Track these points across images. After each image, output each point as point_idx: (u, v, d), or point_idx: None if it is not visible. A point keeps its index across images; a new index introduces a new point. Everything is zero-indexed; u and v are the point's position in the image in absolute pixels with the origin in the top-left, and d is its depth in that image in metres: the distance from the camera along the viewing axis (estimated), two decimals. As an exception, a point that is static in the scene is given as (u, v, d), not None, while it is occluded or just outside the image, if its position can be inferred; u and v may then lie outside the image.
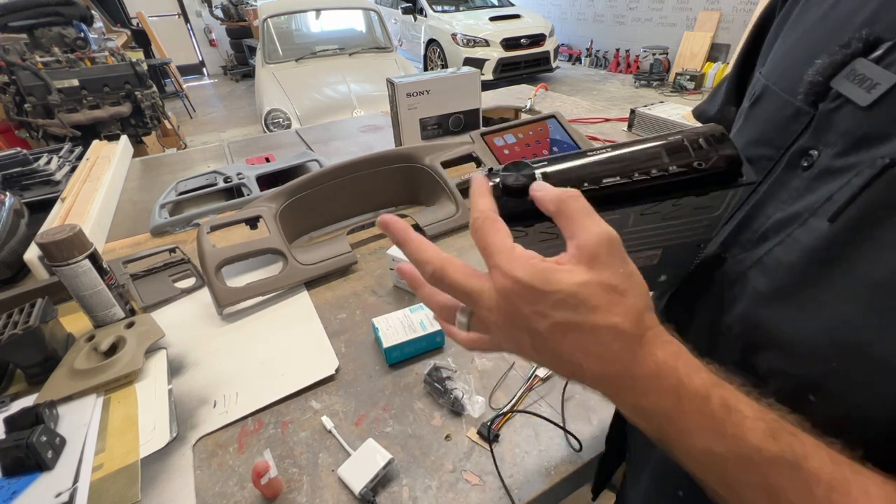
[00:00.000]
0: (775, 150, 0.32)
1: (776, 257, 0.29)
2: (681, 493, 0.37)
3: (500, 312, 0.25)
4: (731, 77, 0.46)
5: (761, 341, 0.29)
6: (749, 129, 0.36)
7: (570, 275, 0.23)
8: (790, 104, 0.31)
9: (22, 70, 2.27)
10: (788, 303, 0.27)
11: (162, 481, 0.51)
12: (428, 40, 6.01)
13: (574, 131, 1.17)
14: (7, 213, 0.92)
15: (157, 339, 0.67)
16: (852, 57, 0.26)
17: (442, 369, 0.61)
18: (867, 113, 0.25)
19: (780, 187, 0.31)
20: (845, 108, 0.26)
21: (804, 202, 0.28)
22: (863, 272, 0.23)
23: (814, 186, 0.28)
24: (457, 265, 0.27)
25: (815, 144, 0.28)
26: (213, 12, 6.88)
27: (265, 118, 2.97)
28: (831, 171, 0.27)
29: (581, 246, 0.24)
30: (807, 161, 0.29)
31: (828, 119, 0.28)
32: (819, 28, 0.32)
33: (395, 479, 0.50)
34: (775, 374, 0.28)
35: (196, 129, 4.96)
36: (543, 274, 0.24)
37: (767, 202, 0.31)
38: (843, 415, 0.24)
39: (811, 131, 0.29)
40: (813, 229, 0.26)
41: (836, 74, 0.27)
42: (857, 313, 0.23)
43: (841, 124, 0.27)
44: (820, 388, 0.25)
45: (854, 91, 0.26)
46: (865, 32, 0.26)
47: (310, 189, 0.92)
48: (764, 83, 0.35)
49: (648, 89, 5.33)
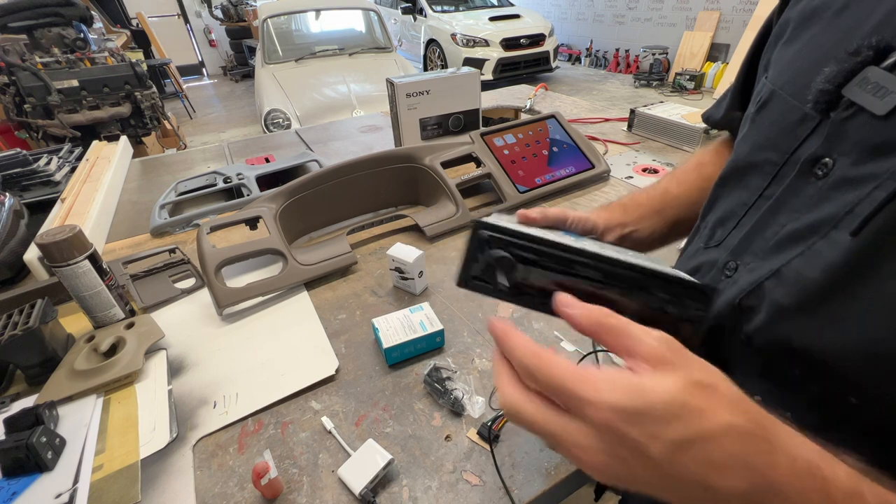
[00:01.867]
0: (780, 155, 0.32)
1: (796, 269, 0.28)
2: None
3: (604, 450, 0.21)
4: (736, 82, 0.46)
5: (789, 353, 0.28)
6: (755, 133, 0.36)
7: (658, 382, 0.21)
8: (797, 109, 0.31)
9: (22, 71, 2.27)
10: (814, 316, 0.27)
11: (162, 482, 0.51)
12: (428, 40, 6.01)
13: (574, 131, 1.17)
14: (7, 214, 0.92)
15: (157, 340, 0.67)
16: (863, 65, 0.26)
17: (442, 370, 0.61)
18: (883, 122, 0.25)
19: (793, 195, 0.30)
20: (860, 116, 0.26)
21: (821, 212, 0.28)
22: (889, 286, 0.23)
23: (831, 196, 0.27)
24: (534, 402, 0.24)
25: (828, 153, 0.28)
26: (213, 13, 6.88)
27: (265, 118, 2.97)
28: (849, 180, 0.26)
29: (647, 354, 0.22)
30: (821, 170, 0.28)
31: (841, 127, 0.27)
32: (826, 34, 0.31)
33: (395, 480, 0.50)
34: (811, 379, 0.28)
35: (196, 130, 4.96)
36: (635, 389, 0.21)
37: (780, 210, 0.31)
38: (886, 417, 0.24)
39: (824, 139, 0.29)
40: (835, 242, 0.26)
41: (846, 82, 0.27)
42: (887, 327, 0.23)
43: (855, 133, 0.26)
44: (859, 392, 0.25)
45: (868, 100, 0.25)
46: (875, 40, 0.25)
47: (310, 189, 0.92)
48: (771, 88, 0.35)
49: (648, 89, 5.32)
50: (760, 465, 0.20)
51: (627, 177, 1.15)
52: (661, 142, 1.35)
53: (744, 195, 0.35)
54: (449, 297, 0.77)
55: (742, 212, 0.35)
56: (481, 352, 0.66)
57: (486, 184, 1.07)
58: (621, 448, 0.21)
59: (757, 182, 0.34)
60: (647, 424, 0.20)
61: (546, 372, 0.23)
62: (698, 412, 0.20)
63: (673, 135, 1.32)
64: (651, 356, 0.22)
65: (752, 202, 0.34)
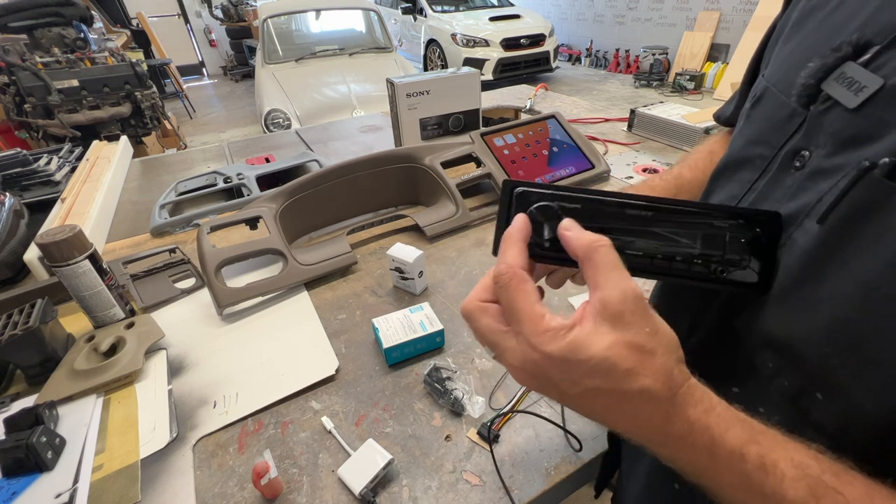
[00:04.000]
0: (770, 150, 0.32)
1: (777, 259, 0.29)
2: (676, 485, 0.37)
3: (527, 375, 0.26)
4: (744, 81, 0.47)
5: (764, 342, 0.29)
6: (749, 128, 0.36)
7: (598, 339, 0.24)
8: (786, 105, 0.31)
9: (22, 70, 2.27)
10: (788, 304, 0.28)
11: (162, 482, 0.51)
12: (428, 40, 6.01)
13: (574, 131, 1.17)
14: (7, 214, 0.92)
15: (157, 340, 0.67)
16: (843, 60, 0.27)
17: (442, 370, 0.61)
18: (854, 115, 0.26)
19: (776, 186, 0.31)
20: (834, 110, 0.27)
21: (797, 202, 0.28)
22: (852, 271, 0.24)
23: (806, 186, 0.28)
24: (490, 312, 0.28)
25: (806, 145, 0.29)
26: (213, 13, 6.88)
27: (265, 118, 2.97)
28: (821, 171, 0.27)
29: (605, 302, 0.24)
30: (799, 161, 0.29)
31: (818, 121, 0.28)
32: (818, 32, 0.32)
33: (395, 480, 0.50)
34: (781, 373, 0.28)
35: (196, 130, 4.96)
36: (572, 345, 0.24)
37: (762, 201, 0.32)
38: (847, 412, 0.25)
39: (803, 132, 0.29)
40: (806, 231, 0.27)
41: (826, 77, 0.28)
42: (851, 312, 0.24)
43: (829, 126, 0.27)
44: (825, 387, 0.26)
45: (842, 93, 0.26)
46: (856, 37, 0.26)
47: (310, 189, 0.92)
48: (765, 85, 0.35)
49: (648, 89, 5.32)
50: (657, 422, 0.24)
51: (627, 177, 1.15)
52: (661, 142, 1.35)
53: (735, 189, 0.36)
54: (449, 296, 0.77)
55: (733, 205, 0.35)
56: (481, 352, 0.66)
57: (486, 184, 1.07)
58: (544, 379, 0.25)
59: (748, 176, 0.35)
60: (572, 372, 0.24)
61: (512, 294, 0.26)
62: (623, 373, 0.23)
63: (673, 135, 1.32)
64: (609, 303, 0.24)
65: (741, 195, 0.34)
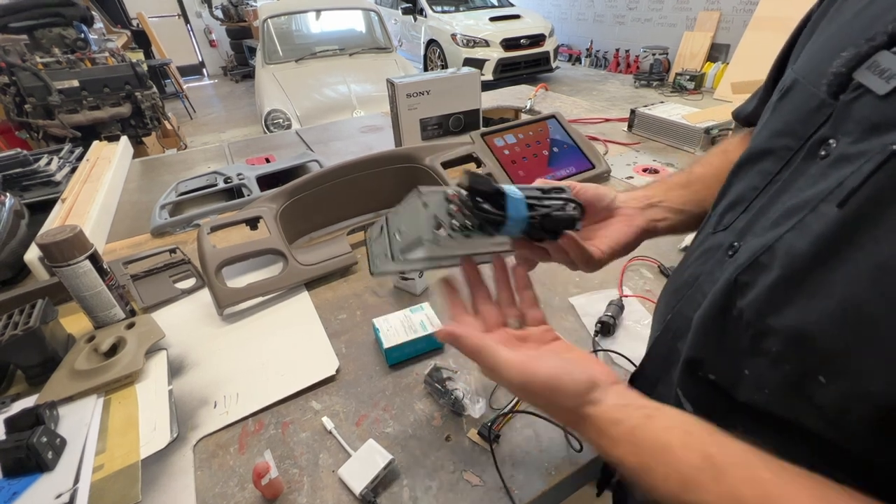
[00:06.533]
0: (797, 141, 0.32)
1: (788, 243, 0.29)
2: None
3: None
4: (769, 78, 0.46)
5: (771, 327, 0.29)
6: (774, 120, 0.36)
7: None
8: (815, 96, 0.31)
9: (22, 71, 2.27)
10: (799, 289, 0.27)
11: (162, 482, 0.51)
12: (428, 41, 6.01)
13: (574, 131, 1.17)
14: (7, 214, 0.92)
15: (157, 340, 0.67)
16: (876, 49, 0.26)
17: (442, 370, 0.61)
18: (883, 102, 0.25)
19: (799, 176, 0.31)
20: (864, 97, 0.27)
21: (816, 188, 0.28)
22: (868, 254, 0.24)
23: (828, 173, 0.28)
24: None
25: (833, 134, 0.29)
26: (213, 13, 6.88)
27: (265, 119, 2.97)
28: (846, 157, 0.27)
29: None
30: (825, 150, 0.29)
31: (847, 109, 0.28)
32: (852, 24, 0.32)
33: (395, 480, 0.50)
34: (785, 358, 0.28)
35: (196, 130, 4.96)
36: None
37: (785, 191, 0.32)
38: (849, 394, 0.25)
39: (831, 121, 0.29)
40: (823, 214, 0.27)
41: (858, 66, 0.27)
42: (864, 293, 0.24)
43: (858, 113, 0.27)
44: (829, 370, 0.26)
45: (873, 81, 0.26)
46: (892, 27, 0.26)
47: (310, 189, 0.92)
48: (794, 77, 0.35)
49: (648, 89, 5.32)
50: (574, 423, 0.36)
51: (628, 177, 1.15)
52: (661, 142, 1.35)
53: (756, 179, 0.35)
54: (449, 297, 0.77)
55: (752, 196, 0.35)
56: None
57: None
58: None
59: (770, 167, 0.34)
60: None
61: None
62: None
63: (673, 135, 1.32)
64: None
65: (762, 186, 0.34)
